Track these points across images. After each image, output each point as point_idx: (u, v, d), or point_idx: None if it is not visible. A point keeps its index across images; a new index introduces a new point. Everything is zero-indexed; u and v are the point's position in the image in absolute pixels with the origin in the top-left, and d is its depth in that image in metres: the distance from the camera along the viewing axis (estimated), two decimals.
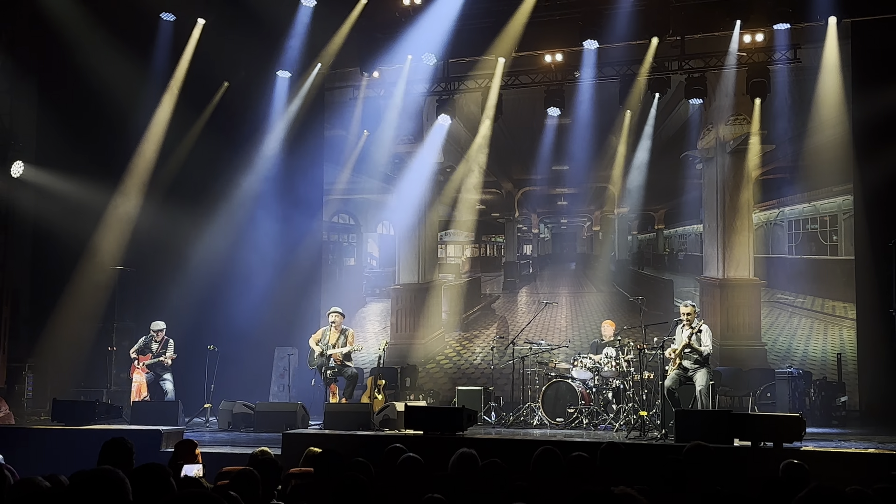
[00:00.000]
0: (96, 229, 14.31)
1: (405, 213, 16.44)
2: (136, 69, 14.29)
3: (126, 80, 14.17)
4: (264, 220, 15.58)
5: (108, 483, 3.24)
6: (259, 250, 15.44)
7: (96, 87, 14.02)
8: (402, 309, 16.32)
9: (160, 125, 14.76)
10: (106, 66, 13.88)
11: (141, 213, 14.70)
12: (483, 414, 12.57)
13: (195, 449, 7.05)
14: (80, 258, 14.26)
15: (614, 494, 3.72)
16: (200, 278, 14.56)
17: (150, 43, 14.40)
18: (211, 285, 14.67)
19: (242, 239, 15.27)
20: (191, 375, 13.55)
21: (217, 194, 15.12)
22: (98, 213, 14.35)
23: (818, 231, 14.29)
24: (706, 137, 14.88)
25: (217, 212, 15.10)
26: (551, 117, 14.98)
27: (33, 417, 13.17)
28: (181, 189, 14.82)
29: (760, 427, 8.69)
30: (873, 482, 4.75)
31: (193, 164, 14.84)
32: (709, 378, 10.74)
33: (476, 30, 14.38)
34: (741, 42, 13.66)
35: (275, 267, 15.50)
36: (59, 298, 14.47)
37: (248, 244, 15.37)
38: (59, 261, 14.48)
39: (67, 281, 14.40)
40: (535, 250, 16.26)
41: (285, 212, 15.71)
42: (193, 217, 14.77)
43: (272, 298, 15.29)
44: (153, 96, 14.64)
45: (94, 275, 14.45)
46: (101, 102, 14.17)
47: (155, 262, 14.81)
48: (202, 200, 14.93)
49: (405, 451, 6.00)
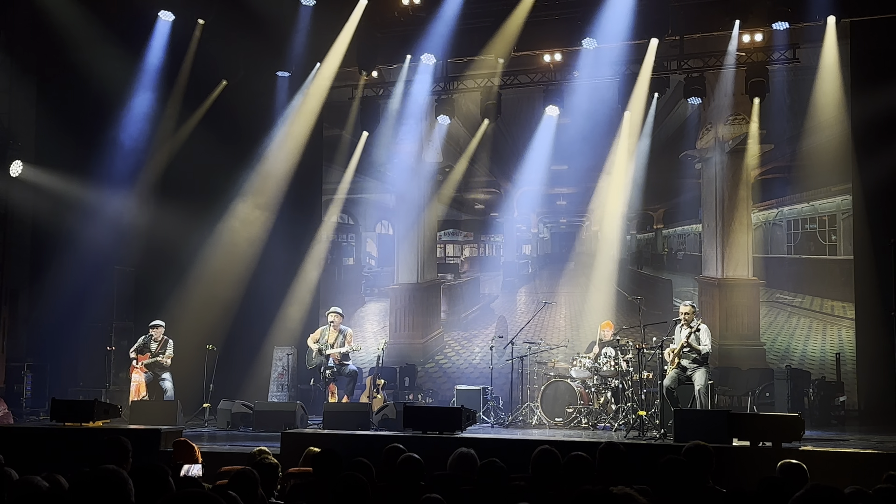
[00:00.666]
0: (95, 229, 14.28)
1: (404, 212, 16.45)
2: (135, 69, 14.28)
3: (125, 80, 14.17)
4: (263, 219, 15.58)
5: (111, 483, 3.23)
6: (258, 249, 15.43)
7: (95, 87, 14.01)
8: (400, 309, 16.32)
9: (160, 125, 14.74)
10: (105, 65, 13.87)
11: (140, 212, 14.69)
12: (482, 413, 12.57)
13: (194, 448, 7.05)
14: (79, 258, 14.24)
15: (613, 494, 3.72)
16: (199, 278, 14.55)
17: (149, 42, 14.38)
18: (210, 285, 14.65)
19: (241, 238, 15.26)
20: (190, 375, 13.54)
21: (216, 194, 15.12)
22: (97, 212, 14.34)
23: (817, 231, 14.29)
24: (705, 137, 14.88)
25: (216, 211, 15.09)
26: (550, 117, 14.99)
27: (32, 417, 13.17)
28: (180, 189, 14.81)
29: (759, 427, 8.69)
30: (872, 482, 4.75)
31: (193, 163, 14.83)
32: (707, 378, 10.75)
33: (475, 29, 14.38)
34: (740, 42, 13.65)
35: (274, 267, 15.49)
36: (58, 298, 14.45)
37: (247, 243, 15.36)
38: (57, 260, 14.46)
39: (66, 280, 14.38)
40: (534, 250, 16.26)
41: (284, 211, 15.70)
42: (192, 217, 14.75)
43: (271, 298, 15.30)
44: (152, 96, 14.62)
45: (92, 274, 14.43)
46: (100, 102, 14.16)
47: (154, 261, 14.81)
48: (201, 200, 14.91)
49: (404, 450, 6.00)
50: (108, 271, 14.61)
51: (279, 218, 15.65)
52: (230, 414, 12.60)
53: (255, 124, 15.47)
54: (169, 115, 14.84)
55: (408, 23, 14.59)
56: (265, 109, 15.49)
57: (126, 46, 14.05)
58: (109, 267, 14.61)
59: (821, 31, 13.35)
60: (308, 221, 16.25)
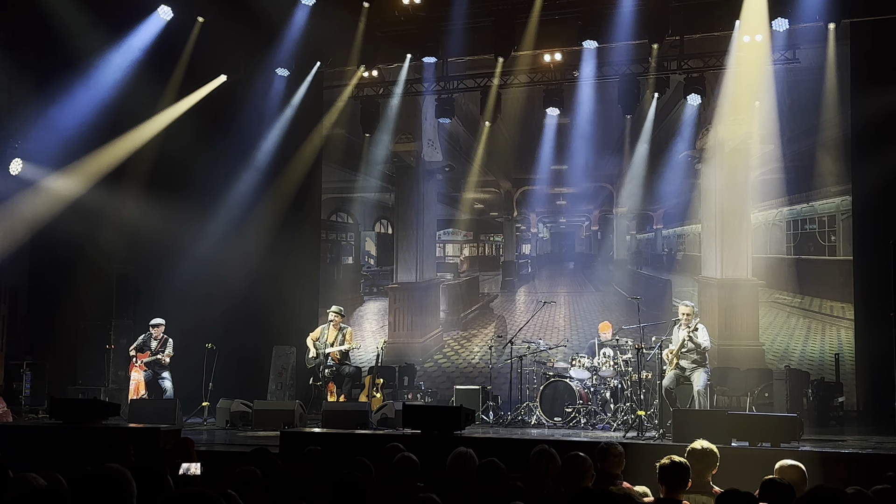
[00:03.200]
0: (94, 227, 14.27)
1: (403, 211, 16.46)
2: (134, 66, 14.25)
3: (124, 77, 14.14)
4: (262, 218, 15.59)
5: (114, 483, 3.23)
6: (258, 248, 15.44)
7: (95, 85, 13.99)
8: (400, 308, 16.32)
9: (159, 122, 14.73)
10: (105, 62, 13.85)
11: (139, 210, 14.68)
12: (481, 413, 12.57)
13: (193, 447, 7.05)
14: (79, 256, 14.23)
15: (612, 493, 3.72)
16: (199, 276, 14.54)
17: (148, 39, 14.35)
18: (209, 283, 14.65)
19: (241, 237, 15.26)
20: (189, 374, 13.54)
21: (215, 192, 15.12)
22: (96, 210, 14.32)
23: (816, 231, 14.29)
24: (705, 137, 14.88)
25: (215, 209, 15.09)
26: (550, 117, 14.99)
27: (31, 415, 13.16)
28: (180, 187, 14.79)
29: (758, 427, 8.69)
30: (871, 483, 4.76)
31: (193, 161, 14.82)
32: (706, 378, 10.75)
33: (475, 29, 14.40)
34: (740, 42, 13.66)
35: (273, 265, 15.49)
36: (58, 296, 14.45)
37: (247, 242, 15.36)
38: (57, 258, 14.45)
39: (65, 279, 14.38)
40: (534, 250, 16.26)
41: (284, 210, 15.70)
42: (192, 215, 14.76)
43: (270, 297, 15.30)
44: (151, 93, 14.60)
45: (92, 272, 14.42)
46: (100, 100, 14.13)
47: (153, 259, 14.80)
48: (201, 198, 14.92)
49: (403, 450, 6.00)
50: (108, 269, 14.59)
51: (279, 217, 15.65)
52: (229, 413, 12.60)
53: (255, 122, 15.46)
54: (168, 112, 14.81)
55: (408, 22, 14.60)
56: (265, 108, 15.47)
57: (125, 42, 14.01)
58: (109, 265, 14.60)
59: (821, 32, 13.34)
60: (307, 220, 16.24)
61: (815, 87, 13.77)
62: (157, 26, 14.18)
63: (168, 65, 14.57)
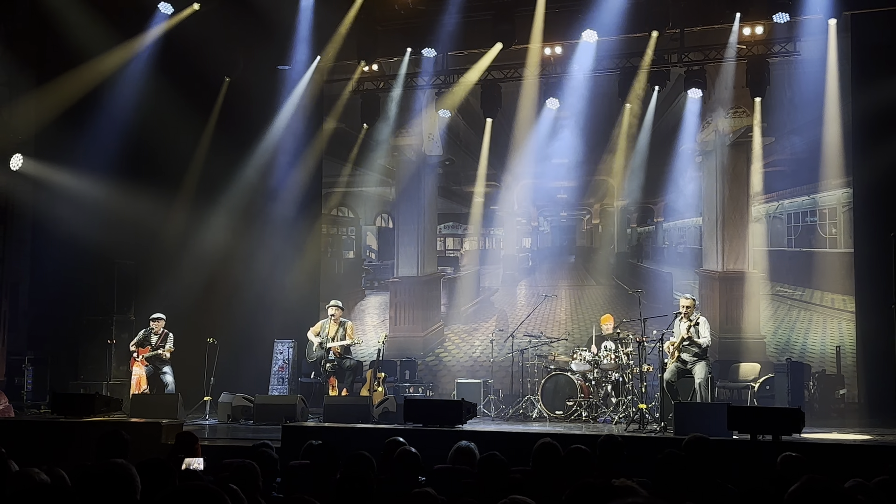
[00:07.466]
0: (95, 222, 14.26)
1: (404, 205, 16.46)
2: (134, 61, 14.24)
3: (125, 73, 14.13)
4: (263, 212, 15.58)
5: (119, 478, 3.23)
6: (258, 243, 15.44)
7: (95, 80, 13.97)
8: (401, 302, 16.32)
9: (160, 118, 14.70)
10: (105, 58, 13.83)
11: (140, 205, 14.66)
12: (482, 407, 12.59)
13: (195, 442, 7.06)
14: (80, 251, 14.23)
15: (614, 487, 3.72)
16: (200, 271, 14.54)
17: (149, 35, 14.34)
18: (210, 278, 14.66)
19: (242, 231, 15.26)
20: (190, 368, 13.55)
21: (216, 187, 15.11)
22: (97, 205, 14.31)
23: (817, 224, 14.28)
24: (705, 130, 14.86)
25: (216, 204, 15.08)
26: (550, 110, 14.97)
27: (33, 410, 13.17)
28: (181, 182, 14.80)
29: (759, 420, 8.70)
30: (872, 475, 4.76)
31: (194, 156, 14.81)
32: (708, 371, 10.76)
33: (475, 22, 14.38)
34: (741, 34, 13.65)
35: (274, 260, 15.49)
36: (59, 291, 14.45)
37: (248, 237, 15.37)
38: (58, 253, 14.44)
39: (67, 274, 14.38)
40: (535, 243, 16.24)
41: (284, 205, 15.69)
42: (192, 209, 14.75)
43: (271, 291, 15.31)
44: (152, 89, 14.58)
45: (93, 267, 14.42)
46: (101, 95, 14.12)
47: (154, 254, 14.78)
48: (201, 193, 14.92)
49: (405, 444, 6.01)
50: (109, 264, 14.58)
51: (279, 211, 15.65)
52: (231, 407, 12.61)
53: (256, 117, 15.45)
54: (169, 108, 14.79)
55: (408, 16, 14.58)
56: (265, 102, 15.46)
57: (126, 38, 14.01)
58: (110, 260, 14.59)
59: (822, 24, 13.33)
60: (308, 214, 16.24)
61: (815, 80, 13.75)
62: (159, 22, 14.18)
63: (169, 60, 14.52)
